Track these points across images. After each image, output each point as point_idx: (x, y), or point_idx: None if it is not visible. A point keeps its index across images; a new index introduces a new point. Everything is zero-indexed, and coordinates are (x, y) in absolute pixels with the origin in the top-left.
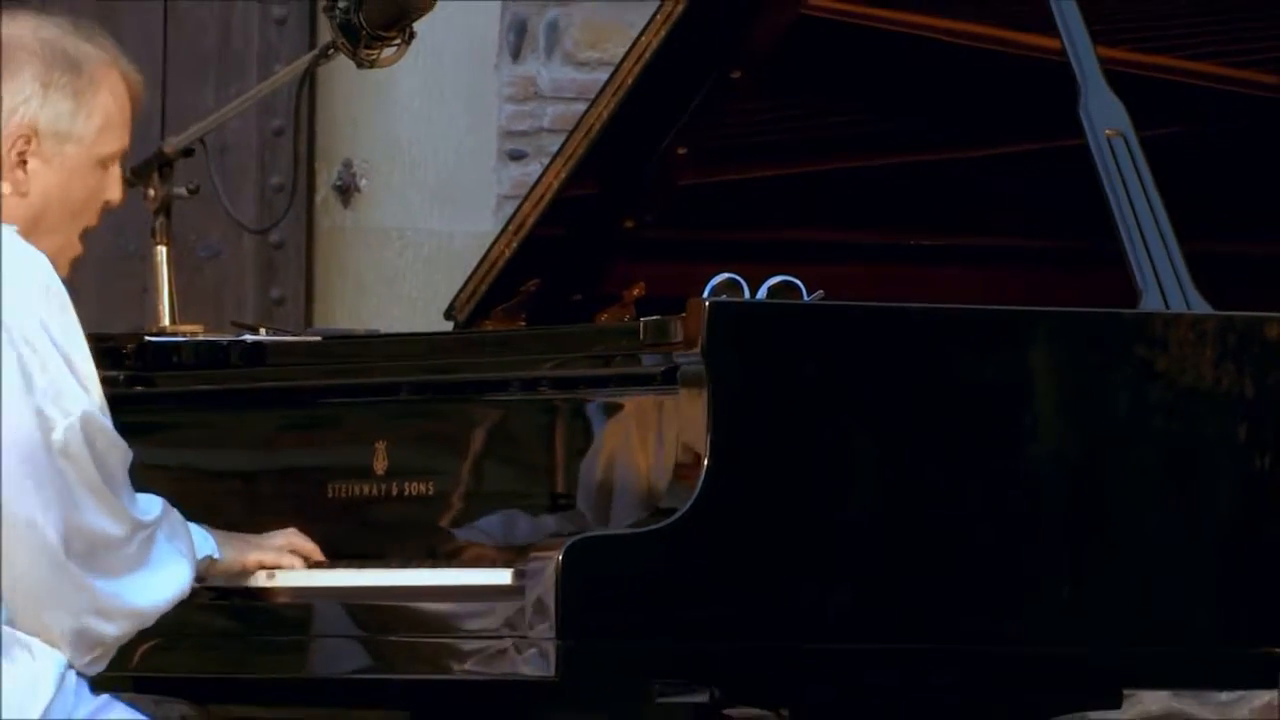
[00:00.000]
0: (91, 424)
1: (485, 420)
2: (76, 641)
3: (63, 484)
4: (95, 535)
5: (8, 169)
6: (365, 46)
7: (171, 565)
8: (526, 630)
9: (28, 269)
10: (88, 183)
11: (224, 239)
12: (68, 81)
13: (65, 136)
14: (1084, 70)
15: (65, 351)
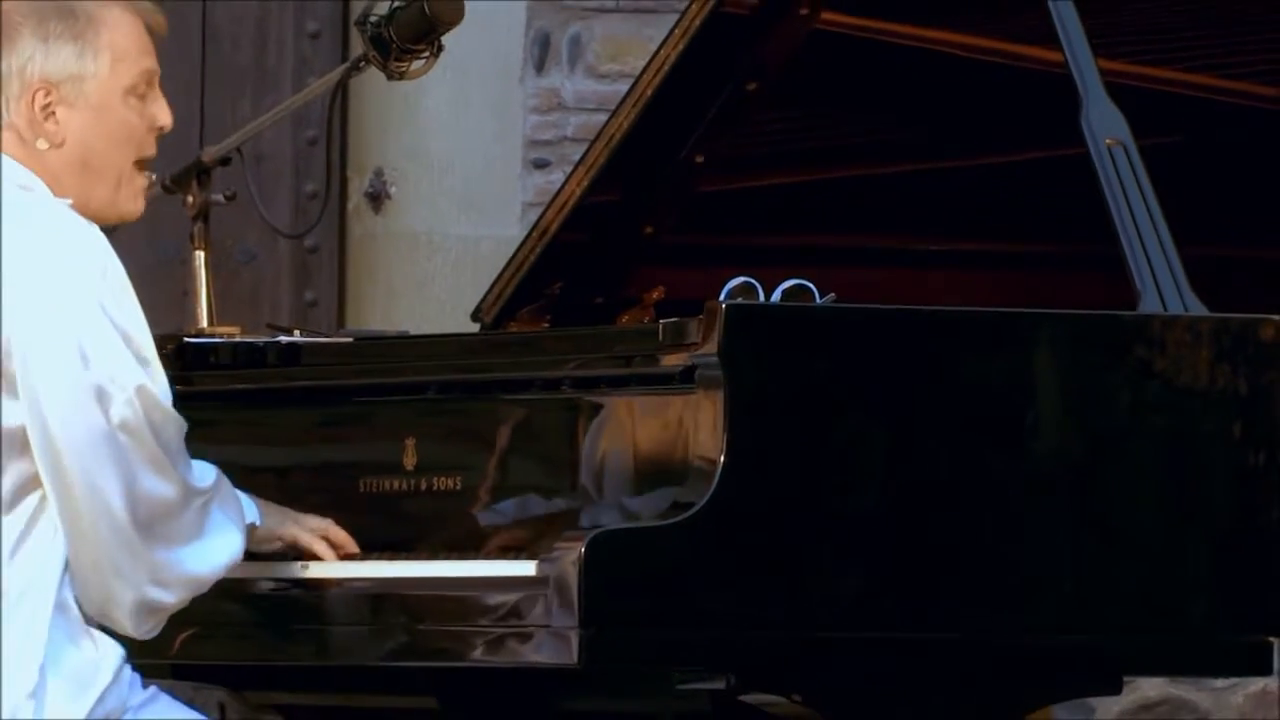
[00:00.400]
0: (148, 397)
1: (510, 418)
2: (138, 611)
3: (123, 456)
4: (155, 503)
5: (38, 126)
6: (395, 59)
7: (224, 534)
8: (550, 619)
9: (85, 251)
10: (121, 114)
11: (260, 244)
12: (64, 28)
13: (80, 77)
14: (1085, 82)
15: (123, 329)
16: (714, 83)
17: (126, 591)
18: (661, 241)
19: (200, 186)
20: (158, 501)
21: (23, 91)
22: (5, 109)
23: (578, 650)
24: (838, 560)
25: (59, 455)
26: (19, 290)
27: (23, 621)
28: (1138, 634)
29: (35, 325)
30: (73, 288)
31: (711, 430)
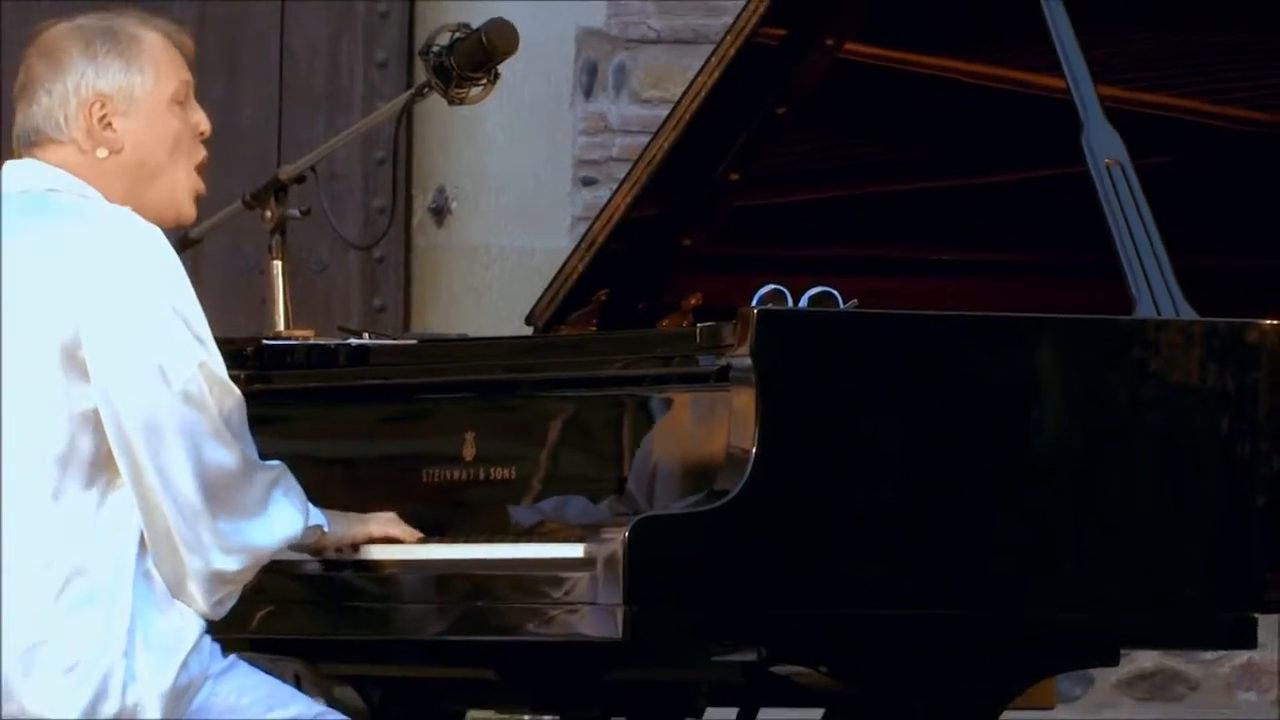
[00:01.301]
0: (208, 373)
1: (561, 413)
2: (207, 580)
3: (188, 429)
4: (220, 473)
5: (97, 135)
6: (456, 86)
7: (286, 512)
8: (597, 597)
9: (145, 247)
10: (169, 122)
11: (332, 255)
12: (109, 47)
13: (129, 89)
14: (1086, 106)
15: (182, 314)
16: (746, 107)
17: (195, 560)
18: (698, 252)
19: (278, 202)
20: (222, 471)
21: (79, 107)
22: (64, 126)
23: (622, 625)
24: (859, 543)
25: (128, 433)
26: (86, 285)
27: (106, 589)
28: (1133, 611)
29: (102, 315)
30: (135, 280)
31: (744, 424)
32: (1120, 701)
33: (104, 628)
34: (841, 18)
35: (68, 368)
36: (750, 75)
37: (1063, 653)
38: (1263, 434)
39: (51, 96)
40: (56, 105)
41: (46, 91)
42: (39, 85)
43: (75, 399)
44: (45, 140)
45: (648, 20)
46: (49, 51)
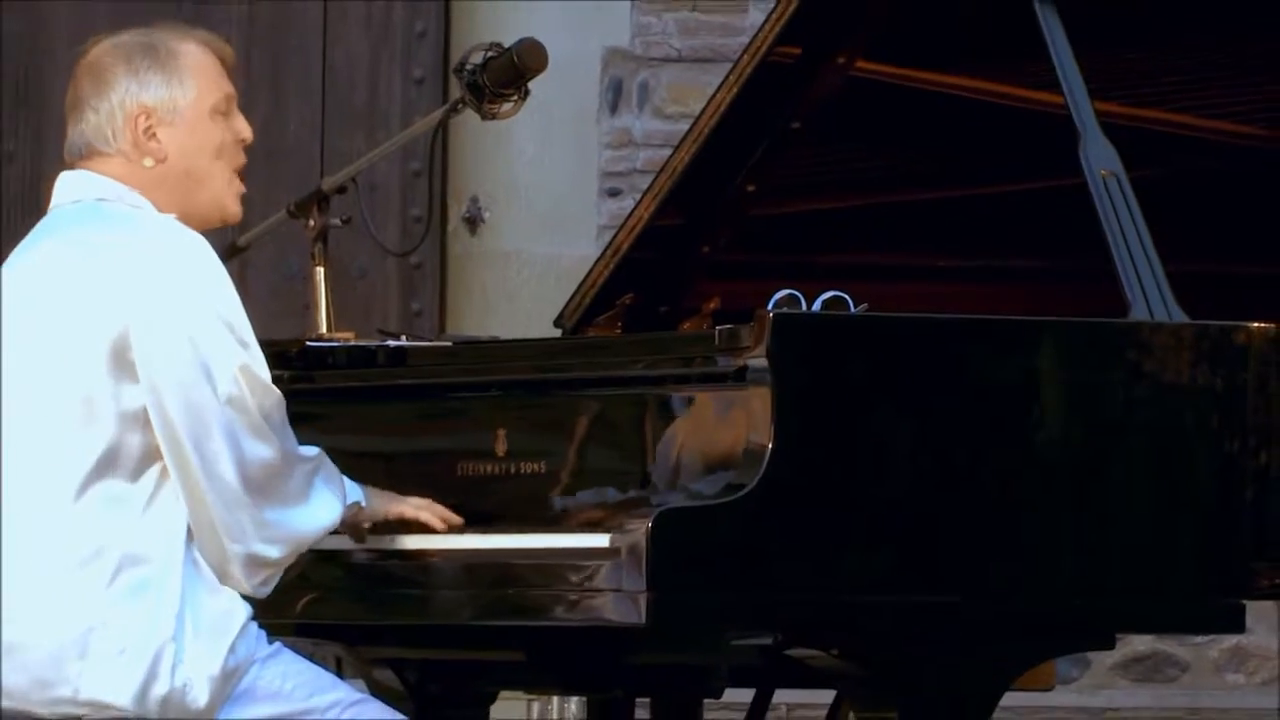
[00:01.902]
0: (249, 374)
1: (588, 411)
2: (248, 564)
3: (230, 426)
4: (260, 466)
5: (143, 146)
6: (488, 102)
7: (325, 501)
8: (620, 584)
9: (190, 254)
10: (211, 130)
11: (372, 261)
12: (150, 62)
13: (171, 101)
14: (1083, 121)
15: (225, 318)
16: (763, 122)
17: (237, 547)
18: (717, 259)
19: (320, 212)
20: (262, 464)
21: (125, 120)
22: (112, 139)
23: (645, 611)
24: (870, 534)
25: (175, 429)
26: (136, 290)
27: (156, 576)
28: (1128, 598)
29: (151, 318)
30: (181, 285)
31: (761, 422)
32: (1116, 683)
33: (154, 613)
34: (853, 37)
35: (116, 368)
36: (766, 91)
37: (1061, 637)
38: (1250, 431)
39: (99, 113)
40: (104, 121)
41: (93, 109)
42: (86, 103)
43: (124, 397)
44: (95, 153)
45: (670, 40)
46: (94, 70)
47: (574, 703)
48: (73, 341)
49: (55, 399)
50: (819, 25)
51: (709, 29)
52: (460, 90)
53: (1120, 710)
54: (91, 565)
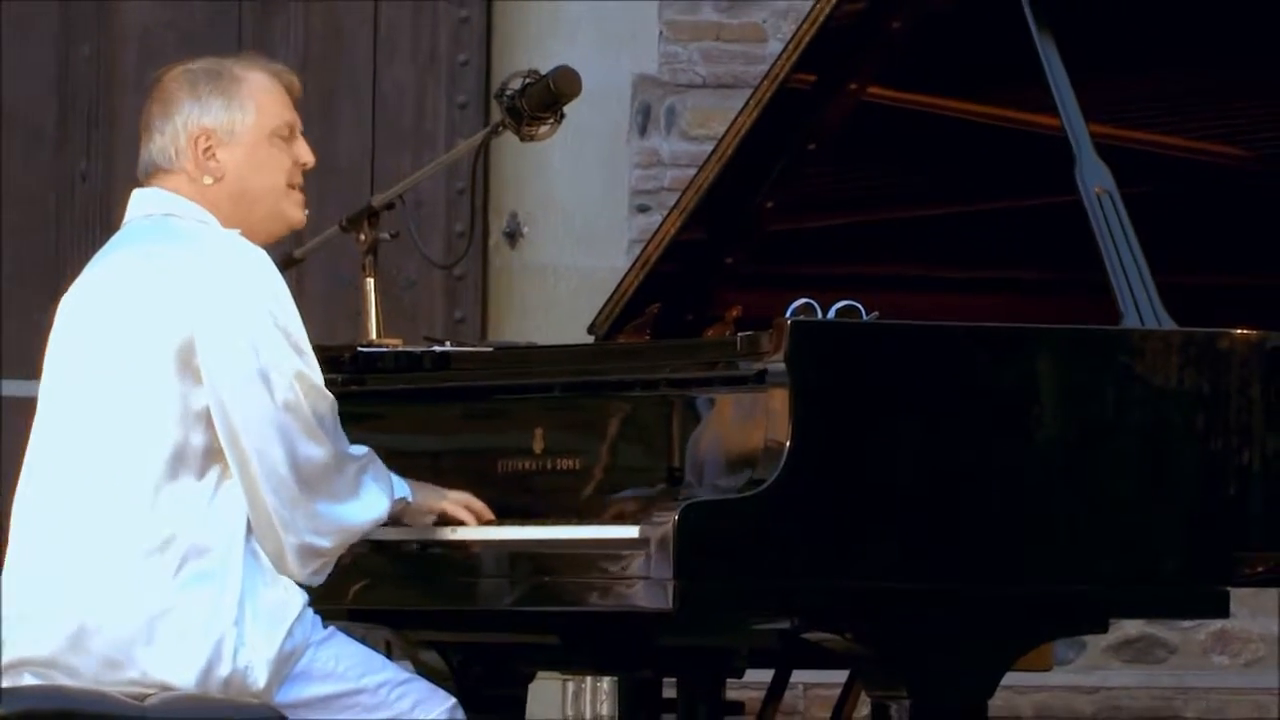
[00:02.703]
0: (304, 379)
1: (619, 412)
2: (301, 555)
3: (286, 427)
4: (312, 465)
5: (203, 165)
6: (526, 125)
7: (373, 496)
8: (649, 572)
9: (252, 267)
10: (268, 152)
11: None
12: (213, 87)
13: (230, 123)
14: (1078, 142)
15: (283, 327)
16: (781, 143)
17: (292, 538)
18: (739, 270)
19: (370, 227)
20: (314, 464)
21: (188, 141)
22: (175, 158)
23: (672, 597)
24: (881, 526)
25: (235, 429)
26: (201, 301)
27: (219, 566)
28: (1120, 585)
29: (215, 327)
30: (242, 297)
31: (780, 421)
32: (1109, 664)
33: (217, 601)
34: (864, 65)
35: (182, 371)
36: (784, 115)
37: (1058, 621)
38: (1233, 430)
39: (164, 134)
40: (168, 141)
41: (159, 131)
42: (154, 125)
43: (189, 399)
44: (160, 171)
45: (695, 67)
46: (163, 94)
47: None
48: (143, 346)
49: (127, 399)
50: (833, 54)
51: (731, 57)
52: (500, 114)
53: (1113, 689)
54: (160, 556)
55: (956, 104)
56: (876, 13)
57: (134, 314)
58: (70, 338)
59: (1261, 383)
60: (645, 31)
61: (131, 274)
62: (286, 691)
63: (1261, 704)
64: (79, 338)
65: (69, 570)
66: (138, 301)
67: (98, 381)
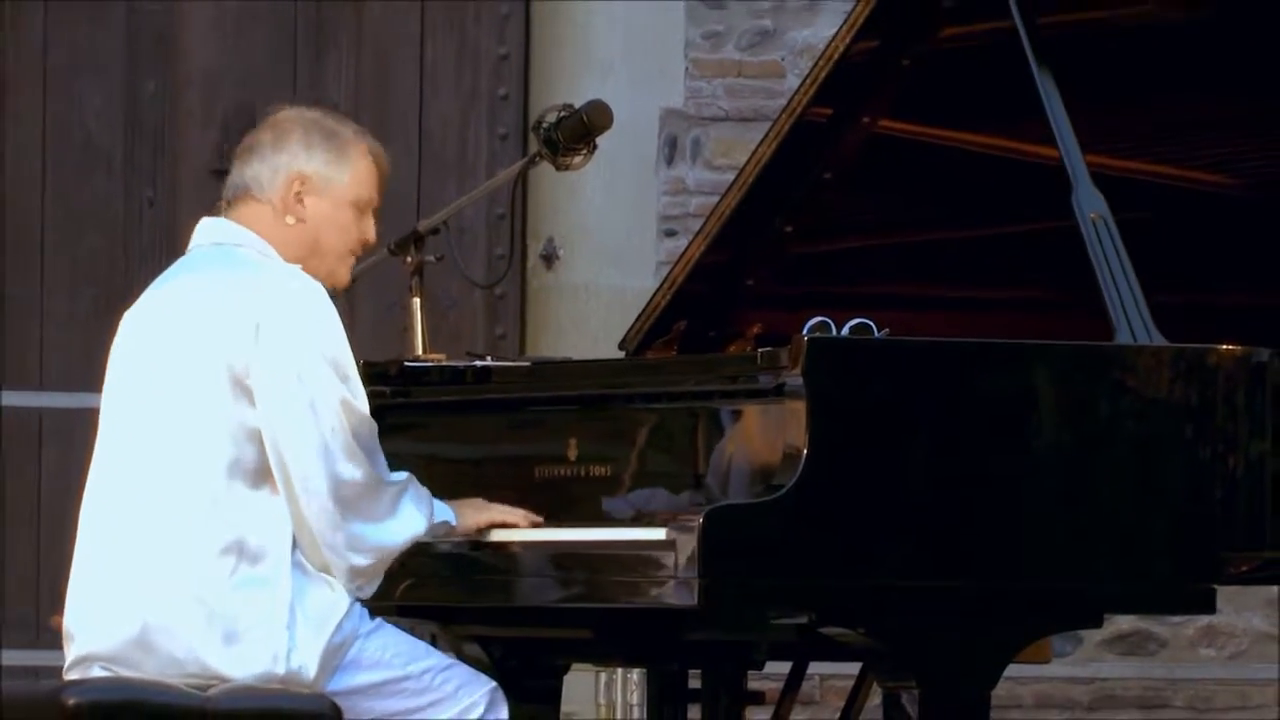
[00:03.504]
0: (347, 406)
1: (647, 422)
2: (343, 573)
3: (328, 451)
4: (351, 486)
5: (290, 205)
6: (562, 155)
7: (410, 515)
8: (676, 572)
9: (306, 300)
10: (348, 217)
11: (461, 293)
12: (325, 143)
13: (326, 179)
14: (1075, 171)
15: (332, 358)
16: (799, 172)
17: (332, 555)
18: (759, 290)
19: (417, 250)
20: (353, 484)
21: (285, 179)
22: (267, 189)
23: (697, 595)
24: (891, 528)
25: (282, 452)
26: (258, 328)
27: (274, 570)
28: (1114, 583)
29: (266, 355)
30: (294, 327)
31: (797, 431)
32: (1103, 657)
33: (270, 604)
34: (877, 99)
35: (236, 391)
36: (801, 146)
37: (1056, 617)
38: (1219, 439)
39: (265, 164)
40: (268, 171)
41: (263, 159)
42: (259, 152)
43: (243, 418)
44: (249, 196)
45: (718, 102)
46: (277, 128)
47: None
48: (201, 367)
49: (185, 415)
50: (847, 89)
51: (752, 92)
52: (538, 145)
53: (1107, 680)
54: (218, 561)
55: (962, 136)
56: (888, 51)
57: (195, 336)
58: (133, 353)
59: (1245, 395)
60: (672, 68)
61: (194, 298)
62: (338, 680)
63: (1246, 694)
64: (142, 353)
65: (133, 572)
66: (199, 324)
67: (159, 397)
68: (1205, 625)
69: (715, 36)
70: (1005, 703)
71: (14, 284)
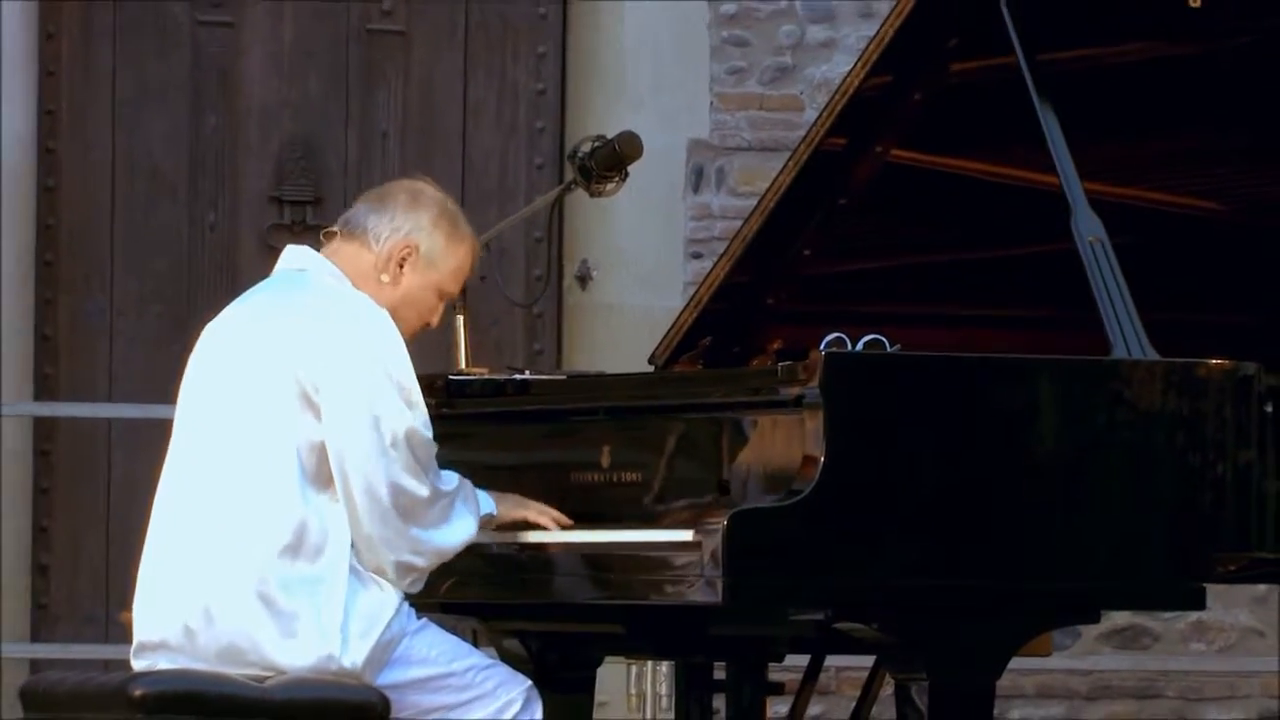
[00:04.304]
0: (409, 425)
1: (674, 431)
2: (399, 571)
3: (391, 466)
4: (411, 498)
5: (391, 267)
6: (595, 183)
7: (463, 521)
8: (702, 571)
9: (373, 326)
10: (430, 300)
11: (502, 311)
12: (445, 225)
13: (431, 261)
14: (1074, 197)
15: (396, 380)
16: (817, 199)
17: (392, 556)
18: (779, 309)
19: None
20: (413, 497)
21: (399, 242)
22: (379, 243)
23: (722, 592)
24: (903, 530)
25: (345, 465)
26: (328, 349)
27: (330, 571)
28: (1111, 581)
29: (336, 375)
30: (363, 350)
31: (815, 439)
32: (1100, 650)
33: (326, 601)
34: (889, 131)
35: (304, 406)
36: (819, 174)
37: (1056, 613)
38: (1209, 447)
39: (387, 221)
40: (387, 226)
41: (390, 215)
42: (390, 206)
43: (309, 431)
44: (360, 240)
45: (741, 133)
46: (413, 194)
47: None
48: (273, 381)
49: (256, 425)
50: (862, 121)
51: (772, 124)
52: (573, 173)
53: (1104, 672)
54: (279, 560)
55: (969, 164)
56: (900, 85)
57: (269, 351)
58: (210, 362)
59: (1233, 407)
60: (699, 102)
61: (272, 316)
62: (387, 675)
63: (1234, 685)
64: (218, 364)
65: (199, 567)
66: (273, 341)
67: (231, 405)
68: (1196, 620)
69: (739, 72)
70: (1009, 693)
71: (86, 303)
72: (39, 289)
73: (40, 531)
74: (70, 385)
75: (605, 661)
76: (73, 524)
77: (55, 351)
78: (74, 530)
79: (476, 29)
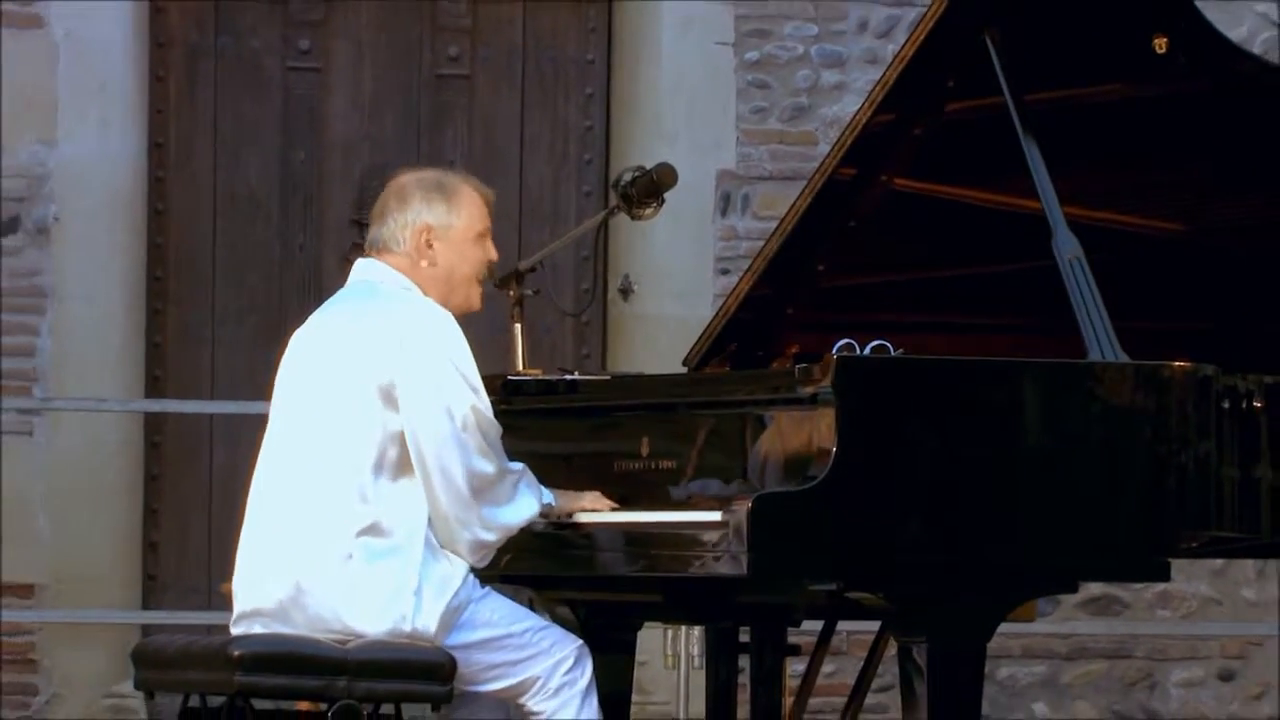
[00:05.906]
0: (477, 410)
1: (705, 425)
2: (471, 546)
3: (464, 448)
4: (482, 477)
5: (423, 252)
6: (635, 208)
7: (526, 500)
8: (729, 547)
9: (441, 326)
10: (473, 250)
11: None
12: (438, 194)
13: (448, 224)
14: (1055, 219)
15: (463, 372)
16: (828, 221)
17: (463, 533)
18: (797, 318)
19: (518, 285)
20: (484, 476)
21: (413, 232)
22: (402, 243)
23: (746, 566)
24: (906, 512)
25: (423, 450)
26: (402, 350)
27: (405, 548)
28: (1087, 556)
29: (411, 371)
30: (432, 348)
31: (828, 433)
32: (1078, 616)
33: (402, 574)
34: (893, 161)
35: (384, 401)
36: (831, 200)
37: (1039, 584)
38: (1173, 439)
39: (396, 223)
40: (398, 229)
41: (393, 219)
42: (389, 213)
43: (388, 422)
44: (386, 250)
45: (763, 164)
46: (399, 191)
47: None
48: (355, 381)
49: (341, 420)
50: (869, 154)
51: (791, 156)
52: (616, 200)
53: (1080, 636)
54: (362, 538)
55: (964, 191)
56: (903, 122)
57: (349, 353)
58: (299, 365)
59: (1194, 403)
60: (726, 137)
61: (350, 322)
62: (455, 637)
63: (1195, 647)
64: (306, 366)
65: (290, 544)
66: (352, 344)
67: (318, 402)
68: (1161, 591)
69: (761, 111)
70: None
71: (190, 314)
72: (149, 301)
73: (151, 513)
74: (177, 385)
75: (644, 626)
76: (179, 506)
77: (163, 356)
78: (180, 512)
79: (532, 73)
